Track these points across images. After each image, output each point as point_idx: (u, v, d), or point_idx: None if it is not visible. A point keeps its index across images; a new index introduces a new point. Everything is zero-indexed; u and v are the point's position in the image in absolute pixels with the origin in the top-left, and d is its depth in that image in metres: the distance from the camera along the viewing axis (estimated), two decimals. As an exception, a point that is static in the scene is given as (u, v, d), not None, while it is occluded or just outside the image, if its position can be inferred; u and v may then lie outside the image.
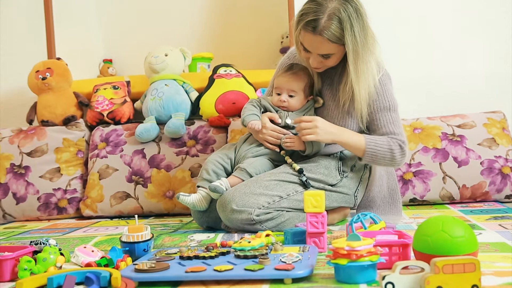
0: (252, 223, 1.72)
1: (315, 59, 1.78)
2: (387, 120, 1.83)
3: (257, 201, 1.73)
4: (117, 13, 3.15)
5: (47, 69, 2.56)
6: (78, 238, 1.81)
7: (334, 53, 1.76)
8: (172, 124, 2.37)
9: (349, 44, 1.70)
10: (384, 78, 1.84)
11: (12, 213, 2.40)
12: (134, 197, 2.34)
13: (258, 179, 1.79)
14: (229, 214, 1.73)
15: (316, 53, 1.76)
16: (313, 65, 1.80)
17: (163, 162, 2.37)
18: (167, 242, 1.66)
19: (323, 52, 1.75)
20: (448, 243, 1.10)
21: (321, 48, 1.73)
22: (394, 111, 1.84)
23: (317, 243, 1.44)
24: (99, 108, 2.53)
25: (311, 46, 1.75)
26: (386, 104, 1.83)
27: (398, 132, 1.82)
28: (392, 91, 1.86)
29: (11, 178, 2.41)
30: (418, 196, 2.26)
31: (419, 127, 2.39)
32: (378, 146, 1.79)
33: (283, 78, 1.90)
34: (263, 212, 1.73)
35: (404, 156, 1.82)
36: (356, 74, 1.75)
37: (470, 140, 2.32)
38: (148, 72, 2.56)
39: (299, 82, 1.89)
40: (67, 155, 2.46)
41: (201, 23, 3.11)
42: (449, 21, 2.59)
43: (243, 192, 1.74)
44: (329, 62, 1.79)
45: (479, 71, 2.58)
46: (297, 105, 1.90)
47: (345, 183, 1.87)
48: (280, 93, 1.91)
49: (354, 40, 1.69)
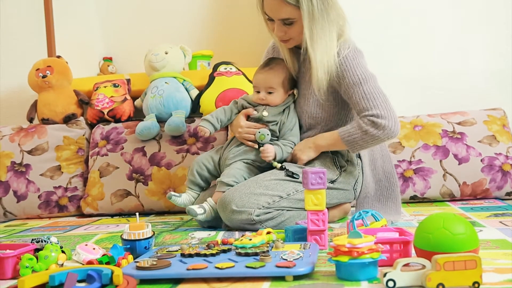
0: (253, 223, 1.72)
1: (278, 27, 1.77)
2: (359, 95, 1.75)
3: (257, 201, 1.73)
4: (117, 11, 3.14)
5: (47, 67, 2.56)
6: (79, 236, 1.81)
7: (295, 19, 1.74)
8: (173, 122, 2.37)
9: (304, 6, 1.70)
10: (352, 54, 1.78)
11: (13, 211, 2.40)
12: (134, 195, 2.34)
13: (258, 179, 1.79)
14: (229, 214, 1.73)
15: (277, 20, 1.76)
16: (278, 35, 1.79)
17: (164, 160, 2.37)
18: (168, 240, 1.66)
19: (282, 16, 1.74)
20: (449, 240, 1.10)
21: (280, 11, 1.73)
22: (366, 83, 1.75)
23: (318, 240, 1.44)
24: (99, 106, 2.53)
25: (271, 11, 1.75)
26: (355, 79, 1.75)
27: (370, 106, 1.73)
28: (362, 64, 1.78)
29: (12, 176, 2.41)
30: (419, 194, 2.27)
31: (419, 124, 2.39)
32: (351, 133, 1.76)
33: (260, 75, 1.89)
34: (263, 212, 1.73)
35: (385, 128, 1.71)
36: (311, 38, 1.73)
37: (470, 137, 2.32)
38: (148, 70, 2.56)
39: (277, 77, 1.87)
40: (68, 153, 2.46)
41: (201, 21, 3.11)
42: (449, 18, 2.58)
43: (243, 192, 1.74)
44: (293, 31, 1.77)
45: (479, 68, 2.58)
46: (277, 100, 1.88)
47: (344, 177, 1.87)
48: (259, 90, 1.89)
49: (309, 3, 1.70)
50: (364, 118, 1.74)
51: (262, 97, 1.88)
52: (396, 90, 2.60)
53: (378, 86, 1.77)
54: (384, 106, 1.74)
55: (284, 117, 1.88)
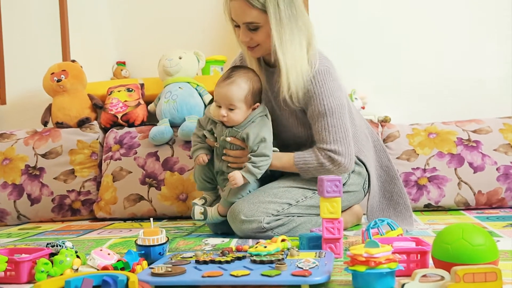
0: (263, 231, 1.71)
1: (243, 32, 1.71)
2: (322, 126, 1.73)
3: (266, 209, 1.72)
4: (131, 16, 3.16)
5: (62, 71, 2.57)
6: (92, 240, 1.81)
7: (260, 24, 1.69)
8: (186, 127, 2.37)
9: (271, 9, 1.65)
10: (321, 75, 1.72)
11: (27, 214, 2.41)
12: (147, 200, 2.34)
13: (266, 188, 1.78)
14: (239, 225, 1.72)
15: (242, 24, 1.70)
16: (243, 40, 1.73)
17: (177, 164, 2.37)
18: (181, 246, 1.66)
19: (247, 20, 1.68)
20: (469, 251, 1.09)
21: (245, 15, 1.68)
22: (332, 115, 1.72)
23: (333, 248, 1.43)
24: (113, 110, 2.54)
25: (236, 15, 1.70)
26: (321, 109, 1.72)
27: (330, 139, 1.72)
28: (330, 89, 1.72)
29: (26, 179, 2.43)
30: (433, 202, 2.25)
31: (433, 132, 2.37)
32: (307, 162, 1.75)
33: (220, 89, 1.73)
34: (273, 219, 1.71)
35: (341, 165, 1.72)
36: (280, 40, 1.67)
37: (486, 145, 2.30)
38: (162, 75, 2.56)
39: (238, 93, 1.71)
40: (81, 157, 2.47)
41: (214, 26, 3.11)
42: (465, 25, 2.57)
43: (251, 202, 1.73)
44: (258, 37, 1.71)
45: (495, 75, 2.56)
46: (238, 119, 1.73)
47: (354, 179, 1.85)
48: (220, 105, 1.74)
49: (276, 6, 1.66)
50: (322, 152, 1.74)
51: (223, 113, 1.72)
52: (411, 97, 2.61)
53: (342, 119, 1.74)
54: (343, 143, 1.73)
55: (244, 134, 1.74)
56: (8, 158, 2.47)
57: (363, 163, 1.87)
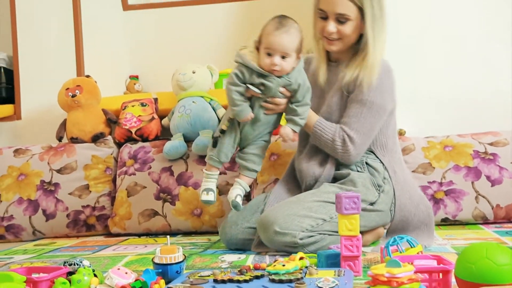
0: (295, 246, 1.67)
1: (331, 23, 1.78)
2: (354, 112, 1.81)
3: (300, 223, 1.69)
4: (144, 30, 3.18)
5: (76, 86, 2.59)
6: (108, 258, 1.80)
7: (350, 18, 1.76)
8: (200, 142, 2.37)
9: (367, 5, 1.75)
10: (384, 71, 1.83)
11: (42, 230, 2.42)
12: (162, 215, 2.34)
13: (300, 200, 1.75)
14: (272, 236, 1.69)
15: (332, 15, 1.77)
16: (330, 31, 1.79)
17: (191, 179, 2.37)
18: (198, 263, 1.65)
19: (340, 11, 1.75)
20: (494, 271, 1.07)
21: (339, 5, 1.75)
22: (369, 108, 1.80)
23: (352, 266, 1.42)
24: (127, 125, 2.54)
25: (330, 4, 1.77)
26: (364, 98, 1.80)
27: (354, 127, 1.80)
28: (384, 87, 1.82)
29: (41, 195, 2.43)
30: (450, 216, 2.22)
31: (449, 144, 2.35)
32: (324, 131, 1.82)
33: (275, 37, 1.71)
34: (307, 235, 1.68)
35: (347, 152, 1.80)
36: (373, 36, 1.77)
37: (503, 158, 2.27)
38: (175, 89, 2.57)
39: (294, 41, 1.73)
40: (96, 172, 2.48)
41: (226, 39, 3.12)
42: (482, 37, 2.55)
43: (286, 213, 1.70)
44: (345, 30, 1.78)
45: (510, 87, 2.53)
46: (289, 68, 1.74)
47: (383, 198, 1.82)
48: (272, 54, 1.72)
49: (371, 4, 1.75)
50: (342, 132, 1.81)
51: (276, 62, 1.71)
52: (426, 110, 2.58)
53: (376, 118, 1.82)
54: (363, 137, 1.81)
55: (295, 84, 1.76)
56: (24, 173, 2.48)
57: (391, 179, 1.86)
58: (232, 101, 1.75)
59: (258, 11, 3.09)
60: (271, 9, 3.07)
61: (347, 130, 1.80)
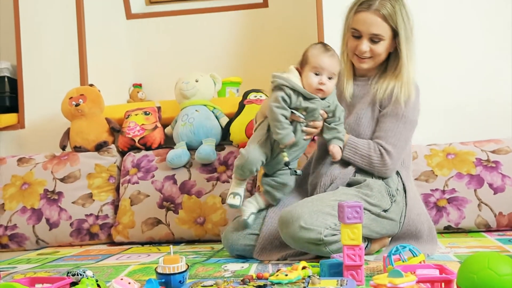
0: (319, 244, 1.65)
1: (365, 43, 1.84)
2: (390, 127, 1.86)
3: (325, 220, 1.67)
4: (147, 38, 3.20)
5: (80, 95, 2.60)
6: (111, 267, 1.81)
7: (384, 38, 1.83)
8: (203, 150, 2.38)
9: (402, 27, 1.82)
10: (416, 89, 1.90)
11: (45, 239, 2.43)
12: (165, 223, 2.34)
13: (324, 198, 1.75)
14: (296, 230, 1.66)
15: (367, 35, 1.83)
16: (363, 50, 1.84)
17: (194, 188, 2.37)
18: (201, 272, 1.65)
19: (375, 31, 1.82)
20: (495, 281, 1.07)
21: (374, 26, 1.82)
22: (404, 123, 1.86)
23: (354, 276, 1.42)
24: (130, 133, 2.56)
25: (365, 24, 1.82)
26: (399, 112, 1.85)
27: (389, 141, 1.84)
28: (415, 103, 1.89)
29: (45, 203, 2.44)
30: (453, 224, 2.22)
31: (452, 152, 2.35)
32: (358, 147, 1.86)
33: (325, 58, 1.79)
34: (331, 233, 1.66)
35: (385, 165, 1.83)
36: (407, 57, 1.85)
37: (505, 166, 2.27)
38: (178, 98, 2.58)
39: (338, 64, 1.83)
40: (99, 181, 2.49)
41: (229, 48, 3.14)
42: (483, 45, 2.55)
43: (312, 210, 1.68)
44: (377, 49, 1.85)
45: (512, 95, 2.54)
46: (332, 89, 1.82)
47: (394, 208, 1.83)
48: (320, 73, 1.78)
49: (403, 24, 1.83)
50: (377, 146, 1.85)
51: (324, 81, 1.78)
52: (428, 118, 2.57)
53: (409, 133, 1.89)
54: (399, 151, 1.85)
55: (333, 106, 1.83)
56: (27, 182, 2.50)
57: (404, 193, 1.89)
58: (280, 125, 1.76)
59: (261, 20, 3.11)
60: (274, 18, 3.10)
61: (384, 144, 1.84)
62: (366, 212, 1.74)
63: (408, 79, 1.86)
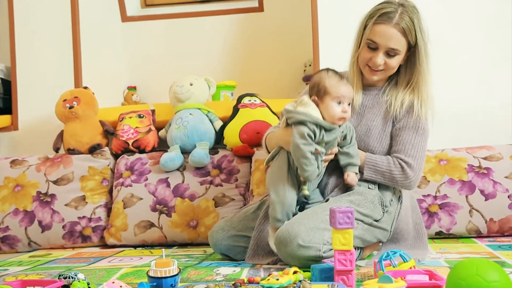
0: (318, 260, 1.64)
1: (380, 56, 1.83)
2: (408, 139, 1.85)
3: (322, 236, 1.66)
4: (142, 41, 3.21)
5: (74, 98, 2.60)
6: (103, 270, 1.81)
7: (399, 52, 1.83)
8: (197, 154, 2.39)
9: (421, 43, 1.83)
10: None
11: (37, 241, 2.42)
12: (158, 227, 2.35)
13: (317, 214, 1.72)
14: (295, 249, 1.64)
15: (384, 48, 1.82)
16: (377, 63, 1.84)
17: (187, 191, 2.38)
18: (192, 276, 1.66)
19: (393, 46, 1.81)
20: (483, 287, 1.08)
21: (393, 39, 1.81)
22: (422, 134, 1.86)
23: (345, 280, 1.42)
24: (124, 136, 2.56)
25: (383, 37, 1.81)
26: (416, 124, 1.86)
27: (409, 153, 1.84)
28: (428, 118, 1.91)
29: (37, 206, 2.44)
30: (444, 229, 2.23)
31: (444, 158, 2.36)
32: (377, 164, 1.84)
33: (344, 87, 1.79)
34: (328, 248, 1.66)
35: (408, 178, 1.83)
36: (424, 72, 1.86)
37: (497, 172, 2.28)
38: (173, 101, 2.59)
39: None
40: (92, 183, 2.49)
41: (224, 51, 3.15)
42: (477, 52, 2.57)
43: (308, 227, 1.66)
44: (391, 63, 1.85)
45: (505, 102, 2.55)
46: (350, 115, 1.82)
47: (386, 218, 1.84)
48: (342, 102, 1.78)
49: (422, 39, 1.83)
50: (397, 160, 1.84)
51: (346, 109, 1.78)
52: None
53: (425, 144, 1.89)
54: (419, 162, 1.85)
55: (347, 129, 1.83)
56: (20, 184, 2.49)
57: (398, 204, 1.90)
58: (308, 161, 1.72)
59: (256, 24, 3.13)
60: (270, 22, 3.11)
61: (403, 157, 1.84)
62: (359, 223, 1.75)
63: (427, 95, 1.88)
